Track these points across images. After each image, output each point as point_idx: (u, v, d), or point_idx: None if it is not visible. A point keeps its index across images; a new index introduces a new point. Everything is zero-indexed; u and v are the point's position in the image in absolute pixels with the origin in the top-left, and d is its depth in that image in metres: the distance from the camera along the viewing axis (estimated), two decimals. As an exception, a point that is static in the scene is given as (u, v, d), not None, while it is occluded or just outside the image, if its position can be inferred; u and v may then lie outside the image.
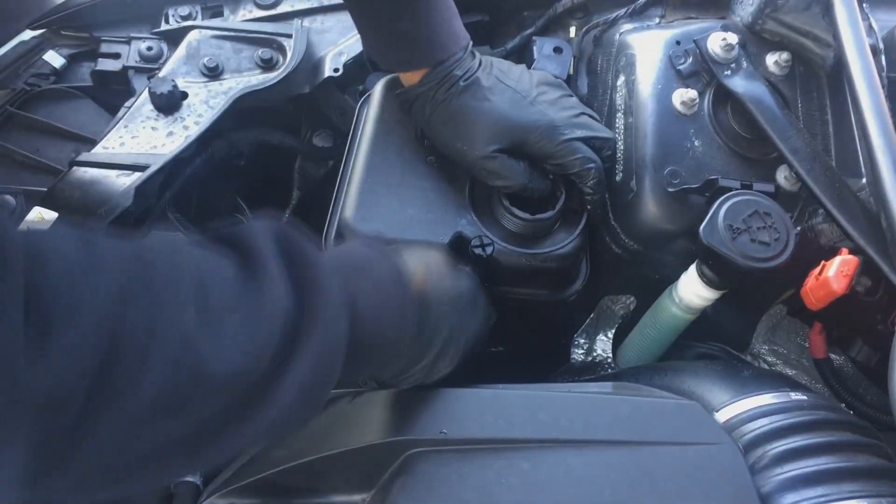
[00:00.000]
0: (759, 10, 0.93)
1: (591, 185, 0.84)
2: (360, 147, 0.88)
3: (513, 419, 0.66)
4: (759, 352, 0.97)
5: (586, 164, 0.83)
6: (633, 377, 0.81)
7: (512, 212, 0.83)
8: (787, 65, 0.93)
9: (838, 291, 0.75)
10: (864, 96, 0.77)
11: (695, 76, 0.92)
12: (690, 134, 0.89)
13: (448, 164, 0.86)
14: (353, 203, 0.83)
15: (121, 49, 1.09)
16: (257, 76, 1.03)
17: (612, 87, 0.96)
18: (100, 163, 0.90)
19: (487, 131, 0.80)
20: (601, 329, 1.03)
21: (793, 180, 0.88)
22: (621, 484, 0.61)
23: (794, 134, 0.85)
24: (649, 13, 1.04)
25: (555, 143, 0.81)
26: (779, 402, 0.69)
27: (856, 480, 0.61)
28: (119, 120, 0.96)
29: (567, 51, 0.99)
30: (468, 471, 0.62)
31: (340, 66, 1.06)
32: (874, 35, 0.87)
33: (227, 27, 1.07)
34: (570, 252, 0.85)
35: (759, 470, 0.62)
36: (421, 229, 0.82)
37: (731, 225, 0.78)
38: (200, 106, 0.98)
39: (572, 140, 0.82)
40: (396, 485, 0.62)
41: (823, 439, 0.64)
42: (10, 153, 0.99)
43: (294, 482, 0.69)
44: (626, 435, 0.65)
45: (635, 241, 0.90)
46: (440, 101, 0.81)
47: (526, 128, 0.81)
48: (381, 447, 0.65)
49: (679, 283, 0.87)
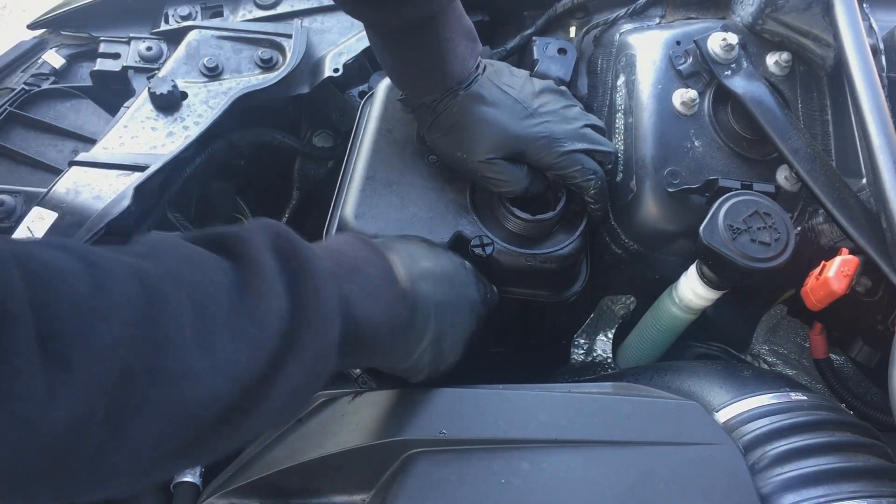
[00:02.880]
0: (760, 11, 0.93)
1: (593, 196, 0.85)
2: (362, 145, 0.88)
3: (513, 419, 0.66)
4: (759, 352, 0.97)
5: (587, 175, 0.83)
6: (633, 377, 0.81)
7: (512, 212, 0.83)
8: (787, 65, 0.93)
9: (838, 291, 0.75)
10: (864, 96, 0.77)
11: (695, 76, 0.92)
12: (690, 134, 0.89)
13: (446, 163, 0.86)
14: (353, 201, 0.83)
15: (120, 49, 1.09)
16: (257, 76, 1.03)
17: (612, 88, 0.96)
18: (99, 163, 0.90)
19: (487, 142, 0.80)
20: (601, 329, 1.03)
21: (793, 180, 0.88)
22: (621, 484, 0.61)
23: (795, 134, 0.85)
24: (649, 13, 1.04)
25: (554, 154, 0.81)
26: (779, 402, 0.69)
27: (856, 480, 0.61)
28: (119, 120, 0.96)
29: (571, 52, 0.98)
30: (468, 471, 0.62)
31: (340, 66, 1.06)
32: (874, 35, 0.87)
33: (227, 27, 1.07)
34: (570, 253, 0.85)
35: (759, 470, 0.62)
36: (421, 228, 0.82)
37: (731, 225, 0.78)
38: (200, 106, 0.98)
39: (572, 152, 0.82)
40: (396, 485, 0.62)
41: (823, 439, 0.64)
42: (10, 153, 0.99)
43: (294, 482, 0.69)
44: (626, 435, 0.65)
45: (635, 241, 0.90)
46: (441, 112, 0.81)
47: (525, 140, 0.81)
48: (381, 447, 0.65)
49: (679, 283, 0.87)
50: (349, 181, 0.86)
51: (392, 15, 0.74)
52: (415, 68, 0.81)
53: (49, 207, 0.86)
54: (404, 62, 0.81)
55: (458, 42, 0.79)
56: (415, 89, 0.83)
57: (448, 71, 0.79)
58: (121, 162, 0.90)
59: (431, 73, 0.80)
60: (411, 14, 0.74)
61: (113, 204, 0.86)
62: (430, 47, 0.77)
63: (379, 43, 0.81)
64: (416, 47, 0.78)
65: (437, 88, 0.81)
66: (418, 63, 0.80)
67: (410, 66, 0.81)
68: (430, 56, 0.78)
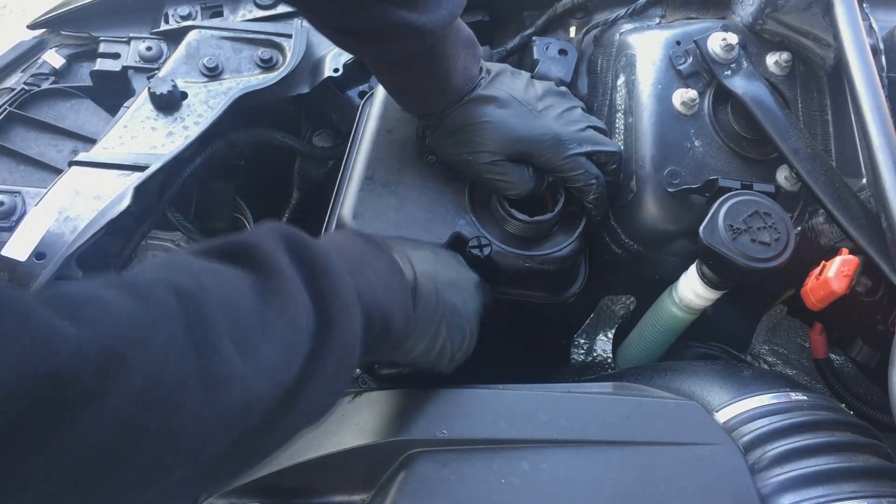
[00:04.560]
0: (760, 11, 0.93)
1: (593, 201, 0.85)
2: (361, 145, 0.88)
3: (513, 419, 0.66)
4: (759, 352, 0.97)
5: (589, 179, 0.83)
6: (633, 377, 0.81)
7: (511, 214, 0.83)
8: (787, 65, 0.93)
9: (838, 291, 0.75)
10: (864, 96, 0.76)
11: (695, 76, 0.92)
12: (690, 134, 0.89)
13: (449, 165, 0.86)
14: (351, 201, 0.83)
15: (120, 49, 1.09)
16: (257, 76, 1.03)
17: (612, 88, 0.96)
18: (99, 163, 0.90)
19: (493, 144, 0.80)
20: (601, 329, 1.03)
21: (793, 180, 0.88)
22: (621, 484, 0.61)
23: (795, 134, 0.85)
24: (649, 13, 1.04)
25: (560, 157, 0.81)
26: (779, 402, 0.69)
27: (856, 481, 0.61)
28: (119, 120, 0.95)
29: (572, 53, 0.98)
30: (468, 471, 0.62)
31: (340, 66, 1.06)
32: (874, 35, 0.87)
33: (227, 27, 1.07)
34: (568, 254, 0.85)
35: (758, 470, 0.62)
36: (419, 229, 0.82)
37: (731, 225, 0.78)
38: (200, 106, 0.98)
39: (577, 155, 0.82)
40: (396, 485, 0.62)
41: (823, 439, 0.64)
42: (10, 153, 0.99)
43: (294, 482, 0.69)
44: (626, 435, 0.65)
45: (635, 241, 0.90)
46: (446, 116, 0.81)
47: (531, 141, 0.80)
48: (381, 447, 0.65)
49: (679, 283, 0.87)
50: (348, 181, 0.86)
51: (386, 51, 0.74)
52: (417, 89, 0.79)
53: (49, 207, 0.86)
54: (405, 84, 0.80)
55: (459, 55, 0.78)
56: (419, 107, 0.83)
57: (452, 87, 0.78)
58: (121, 162, 0.90)
59: (434, 91, 0.79)
60: (407, 50, 0.72)
61: (113, 204, 0.86)
62: (433, 68, 0.76)
63: (377, 68, 0.80)
64: (418, 70, 0.76)
65: (441, 103, 0.80)
66: (420, 84, 0.78)
67: (412, 87, 0.80)
68: (432, 76, 0.77)
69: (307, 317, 0.50)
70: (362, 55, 0.79)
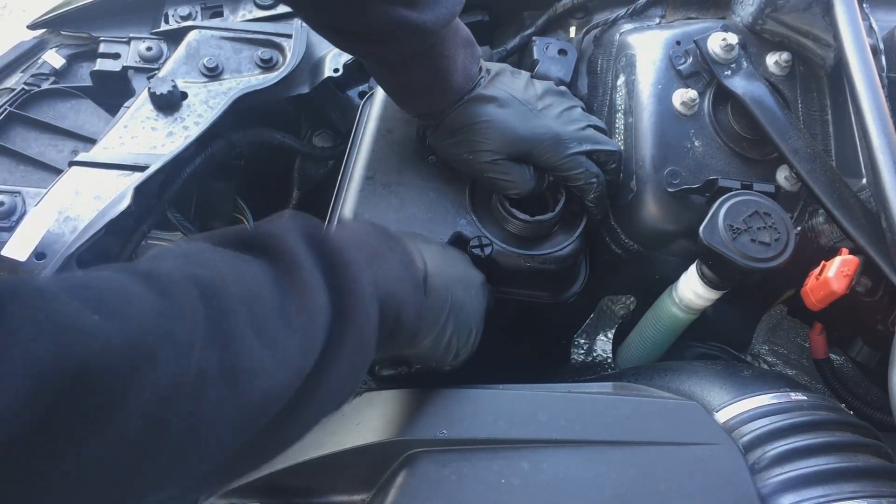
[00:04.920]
0: (760, 11, 0.93)
1: (593, 199, 0.85)
2: (361, 146, 0.88)
3: (513, 419, 0.66)
4: (759, 352, 0.97)
5: (589, 178, 0.83)
6: (634, 377, 0.81)
7: (512, 213, 0.83)
8: (787, 65, 0.93)
9: (838, 291, 0.75)
10: (864, 96, 0.76)
11: (695, 76, 0.92)
12: (690, 134, 0.89)
13: (449, 164, 0.86)
14: (352, 201, 0.83)
15: (120, 49, 1.09)
16: (257, 76, 1.03)
17: (612, 88, 0.96)
18: (99, 163, 0.90)
19: (493, 143, 0.80)
20: (601, 329, 1.03)
21: (793, 180, 0.88)
22: (621, 484, 0.61)
23: (795, 134, 0.85)
24: (649, 13, 1.04)
25: (560, 156, 0.81)
26: (779, 402, 0.69)
27: (856, 481, 0.61)
28: (119, 120, 0.95)
29: (572, 53, 0.98)
30: (468, 471, 0.62)
31: (340, 66, 1.06)
32: (874, 35, 0.87)
33: (227, 27, 1.07)
34: (569, 254, 0.85)
35: (758, 470, 0.62)
36: (420, 228, 0.82)
37: (731, 225, 0.78)
38: (200, 106, 0.98)
39: (577, 154, 0.82)
40: (396, 485, 0.62)
41: (823, 440, 0.64)
42: (10, 153, 0.99)
43: (294, 482, 0.69)
44: (626, 435, 0.65)
45: (635, 241, 0.90)
46: (446, 115, 0.81)
47: (531, 140, 0.80)
48: (381, 447, 0.65)
49: (679, 283, 0.87)
50: (348, 181, 0.86)
51: (386, 51, 0.73)
52: (416, 90, 0.79)
53: (49, 207, 0.86)
54: (405, 85, 0.80)
55: (458, 55, 0.78)
56: (419, 108, 0.83)
57: (452, 87, 0.78)
58: (121, 162, 0.90)
59: (434, 92, 0.79)
60: (407, 49, 0.72)
61: (113, 204, 0.86)
62: (432, 69, 0.76)
63: (376, 69, 0.80)
64: (418, 70, 0.76)
65: (441, 103, 0.80)
66: (420, 85, 0.78)
67: (411, 88, 0.80)
68: (431, 77, 0.77)
69: (325, 309, 0.50)
70: (362, 56, 0.79)
